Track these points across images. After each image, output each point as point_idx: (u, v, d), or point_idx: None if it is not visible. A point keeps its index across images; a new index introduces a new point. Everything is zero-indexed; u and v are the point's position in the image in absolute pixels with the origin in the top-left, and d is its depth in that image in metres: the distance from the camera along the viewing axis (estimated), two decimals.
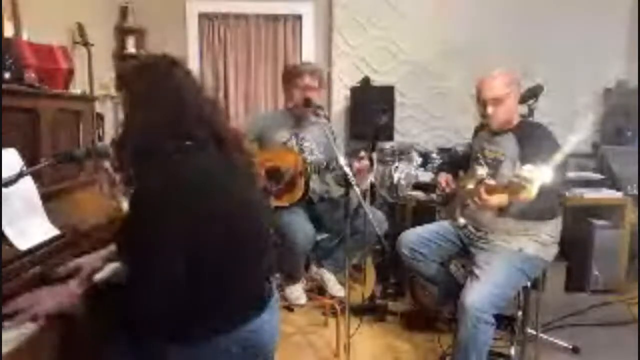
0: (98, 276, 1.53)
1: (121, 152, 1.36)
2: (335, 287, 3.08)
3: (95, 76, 2.88)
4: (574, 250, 3.20)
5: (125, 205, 1.97)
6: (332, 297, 2.95)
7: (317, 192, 3.02)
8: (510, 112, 2.23)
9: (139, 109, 1.32)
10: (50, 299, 1.29)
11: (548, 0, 3.92)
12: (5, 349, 1.13)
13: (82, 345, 1.32)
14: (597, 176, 3.44)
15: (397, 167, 3.45)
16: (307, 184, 2.87)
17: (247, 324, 1.33)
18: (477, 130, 2.50)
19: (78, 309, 1.26)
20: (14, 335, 1.18)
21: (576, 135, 1.95)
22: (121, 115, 1.41)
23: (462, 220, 2.35)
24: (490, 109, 2.20)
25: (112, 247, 1.59)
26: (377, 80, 3.94)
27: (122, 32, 3.73)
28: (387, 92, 3.84)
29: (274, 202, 2.85)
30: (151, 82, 1.33)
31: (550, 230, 2.19)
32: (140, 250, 1.20)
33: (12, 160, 1.50)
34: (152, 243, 1.19)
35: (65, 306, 1.28)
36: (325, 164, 2.79)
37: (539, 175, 1.57)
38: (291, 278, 2.97)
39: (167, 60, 1.38)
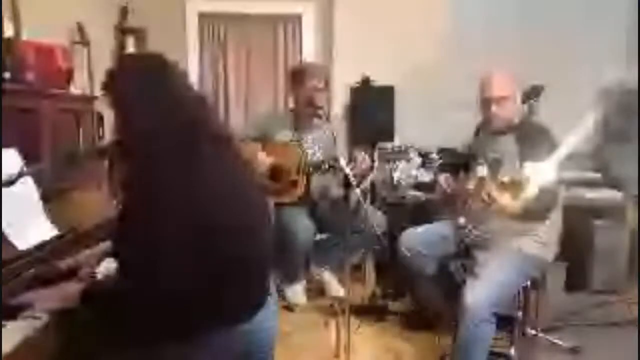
0: (99, 273, 1.54)
1: (117, 154, 1.36)
2: (335, 288, 3.09)
3: (95, 76, 2.88)
4: (574, 250, 3.19)
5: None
6: (332, 297, 2.95)
7: (318, 192, 3.03)
8: (513, 111, 2.23)
9: (128, 110, 1.31)
10: (52, 296, 1.30)
11: (548, 0, 3.92)
12: (5, 349, 1.13)
13: (81, 345, 1.32)
14: (597, 176, 3.44)
15: (397, 167, 3.44)
16: (308, 183, 2.88)
17: (246, 323, 1.33)
18: (478, 131, 2.50)
19: (79, 306, 1.27)
20: (14, 334, 1.18)
21: (576, 135, 1.94)
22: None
23: (462, 220, 2.36)
24: (494, 108, 2.21)
25: (109, 244, 1.60)
26: (377, 80, 3.94)
27: (121, 32, 3.72)
28: (387, 92, 3.84)
29: (275, 200, 2.86)
30: (143, 82, 1.32)
31: (550, 230, 2.19)
32: (141, 251, 1.20)
33: (12, 160, 1.50)
34: (153, 243, 1.19)
35: (66, 304, 1.28)
36: (326, 164, 2.80)
37: (540, 174, 1.57)
38: (291, 278, 2.98)
39: (156, 59, 1.37)
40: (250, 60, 4.10)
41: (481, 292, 2.03)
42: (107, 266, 1.58)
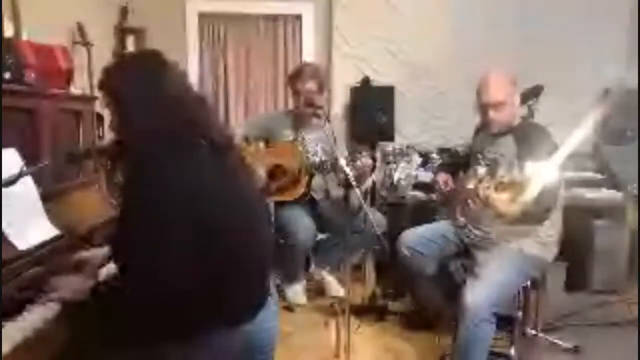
0: (103, 272, 1.54)
1: (113, 152, 1.36)
2: (335, 287, 3.09)
3: (95, 76, 2.87)
4: (574, 250, 3.18)
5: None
6: (332, 297, 2.95)
7: (319, 192, 3.03)
8: (511, 114, 2.23)
9: (126, 108, 1.32)
10: (67, 286, 1.34)
11: (548, 0, 3.92)
12: (5, 349, 1.13)
13: (82, 345, 1.32)
14: (597, 176, 3.43)
15: (397, 167, 3.44)
16: (309, 182, 2.88)
17: (247, 322, 1.33)
18: (477, 131, 2.50)
19: (88, 299, 1.28)
20: (14, 333, 1.19)
21: (576, 136, 1.94)
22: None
23: (462, 220, 2.36)
24: (492, 113, 2.20)
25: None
26: (377, 80, 3.94)
27: (122, 32, 3.72)
28: (387, 92, 3.84)
29: (276, 198, 2.86)
30: (142, 81, 1.31)
31: (551, 230, 2.19)
32: (141, 251, 1.20)
33: (12, 160, 1.50)
34: (153, 244, 1.20)
35: (78, 296, 1.30)
36: (327, 164, 2.80)
37: (540, 175, 1.56)
38: (291, 278, 2.98)
39: (155, 58, 1.37)
40: (250, 60, 4.10)
41: (481, 292, 2.03)
42: (107, 272, 1.58)
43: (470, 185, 2.08)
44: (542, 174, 1.59)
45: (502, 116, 2.20)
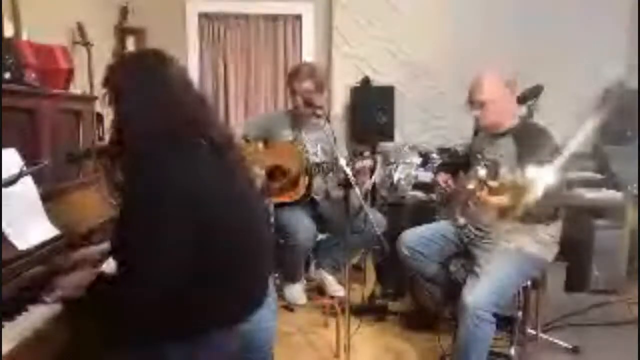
0: (104, 267, 1.55)
1: (113, 152, 1.37)
2: (335, 288, 3.09)
3: (95, 76, 2.88)
4: (574, 250, 3.19)
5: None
6: (332, 297, 2.95)
7: (319, 193, 3.03)
8: (500, 115, 2.23)
9: (127, 107, 1.32)
10: (69, 284, 1.35)
11: (548, 0, 3.92)
12: (5, 349, 1.13)
13: (82, 345, 1.32)
14: (597, 176, 3.43)
15: (397, 167, 3.44)
16: (309, 183, 2.88)
17: (245, 321, 1.33)
18: (477, 131, 2.50)
19: (81, 306, 1.28)
20: (13, 334, 1.19)
21: (576, 136, 1.94)
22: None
23: (462, 220, 2.36)
24: (476, 112, 2.22)
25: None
26: (377, 80, 3.94)
27: (122, 32, 3.72)
28: (387, 92, 3.84)
29: (277, 199, 2.86)
30: (143, 79, 1.32)
31: (551, 230, 2.19)
32: (140, 250, 1.21)
33: (12, 160, 1.50)
34: (152, 243, 1.20)
35: (80, 292, 1.30)
36: (327, 165, 2.80)
37: (542, 178, 1.56)
38: (291, 278, 2.98)
39: (157, 56, 1.38)
40: (250, 60, 4.11)
41: (481, 292, 2.03)
42: (107, 267, 1.59)
43: (471, 186, 2.08)
44: (542, 174, 1.59)
45: (487, 115, 2.22)
